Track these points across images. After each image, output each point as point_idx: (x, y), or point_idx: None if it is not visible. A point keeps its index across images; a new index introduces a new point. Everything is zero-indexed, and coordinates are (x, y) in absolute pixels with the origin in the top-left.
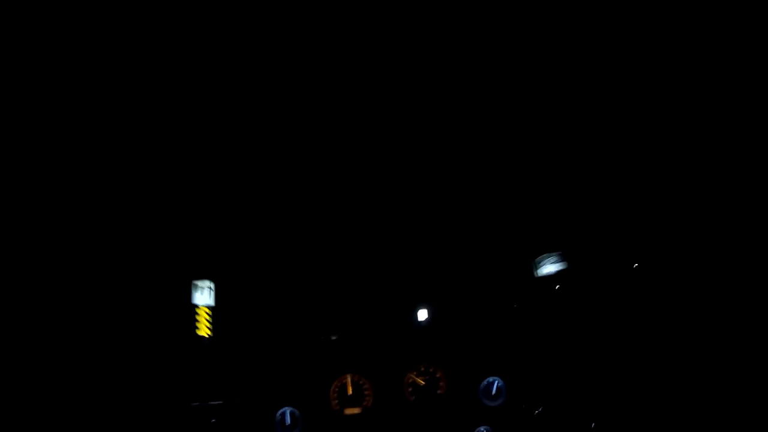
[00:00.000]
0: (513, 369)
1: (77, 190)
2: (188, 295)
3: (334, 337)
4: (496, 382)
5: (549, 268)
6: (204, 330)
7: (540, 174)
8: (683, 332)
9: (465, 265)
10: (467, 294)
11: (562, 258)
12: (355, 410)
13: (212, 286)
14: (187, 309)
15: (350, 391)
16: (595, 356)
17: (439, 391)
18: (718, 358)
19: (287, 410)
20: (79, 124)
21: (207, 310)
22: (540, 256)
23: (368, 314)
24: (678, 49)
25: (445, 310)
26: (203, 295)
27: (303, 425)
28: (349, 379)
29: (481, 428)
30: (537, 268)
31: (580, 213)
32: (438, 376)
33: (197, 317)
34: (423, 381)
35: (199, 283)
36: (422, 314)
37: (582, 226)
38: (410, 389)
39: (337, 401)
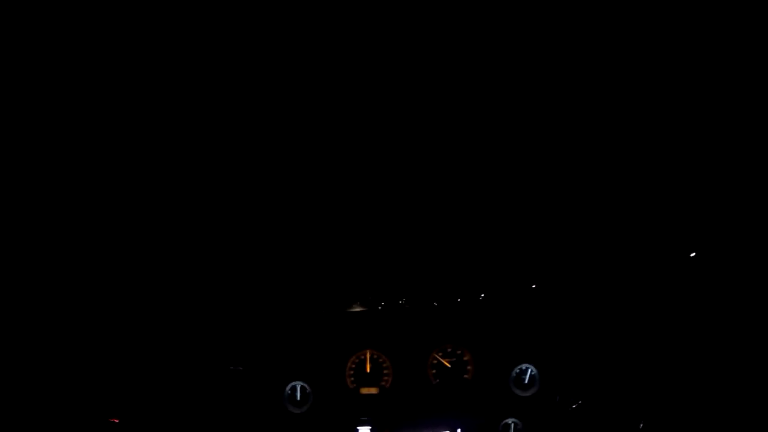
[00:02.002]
0: (548, 357)
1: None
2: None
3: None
4: (529, 371)
5: None
6: None
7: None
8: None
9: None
10: (502, 276)
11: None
12: (372, 390)
13: None
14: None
15: (369, 369)
16: (635, 348)
17: (465, 376)
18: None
19: (297, 385)
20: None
21: None
22: None
23: (394, 286)
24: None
25: (478, 289)
26: None
27: (313, 402)
28: (368, 356)
29: (509, 420)
30: None
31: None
32: (466, 359)
33: None
34: (449, 363)
35: None
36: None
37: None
38: (434, 371)
39: (353, 379)
